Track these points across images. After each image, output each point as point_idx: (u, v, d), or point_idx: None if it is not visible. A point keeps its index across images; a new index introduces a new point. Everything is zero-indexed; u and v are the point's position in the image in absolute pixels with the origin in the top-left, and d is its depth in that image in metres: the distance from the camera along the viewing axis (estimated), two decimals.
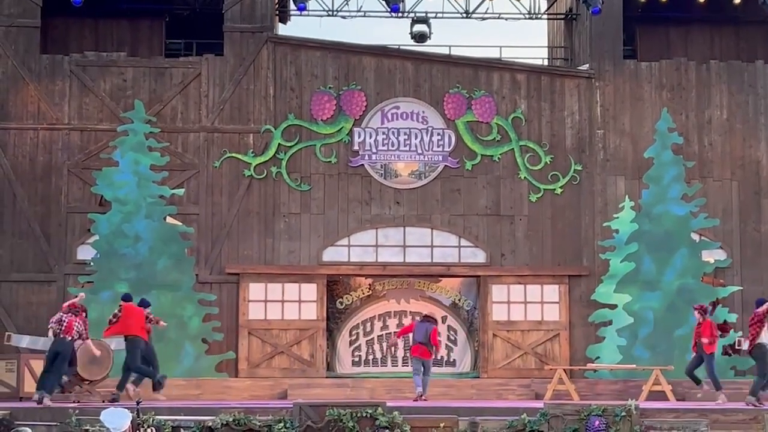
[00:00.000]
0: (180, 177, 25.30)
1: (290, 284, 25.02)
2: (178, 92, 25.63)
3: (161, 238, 24.27)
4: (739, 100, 26.17)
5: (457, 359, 25.58)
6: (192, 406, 18.36)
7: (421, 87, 25.98)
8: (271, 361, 24.71)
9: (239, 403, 19.58)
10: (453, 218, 25.68)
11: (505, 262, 25.57)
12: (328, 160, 25.60)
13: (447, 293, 25.75)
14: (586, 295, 25.19)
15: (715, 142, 26.02)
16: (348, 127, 25.74)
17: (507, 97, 26.05)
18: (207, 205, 25.38)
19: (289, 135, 25.63)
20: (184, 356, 23.77)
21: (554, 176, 25.76)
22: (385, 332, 25.48)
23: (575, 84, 26.12)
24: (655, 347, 23.76)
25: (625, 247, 24.79)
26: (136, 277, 24.04)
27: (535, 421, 16.43)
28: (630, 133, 25.95)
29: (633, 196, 25.25)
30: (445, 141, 25.83)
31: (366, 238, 25.57)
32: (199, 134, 25.58)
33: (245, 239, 25.33)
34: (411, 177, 25.78)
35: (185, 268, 24.41)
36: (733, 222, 25.73)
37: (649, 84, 26.12)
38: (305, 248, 25.39)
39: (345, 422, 16.26)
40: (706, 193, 25.49)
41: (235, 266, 25.10)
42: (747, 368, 24.32)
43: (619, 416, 16.37)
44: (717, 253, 25.35)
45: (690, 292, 24.35)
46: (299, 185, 25.50)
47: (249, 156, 25.47)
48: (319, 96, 25.76)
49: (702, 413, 17.52)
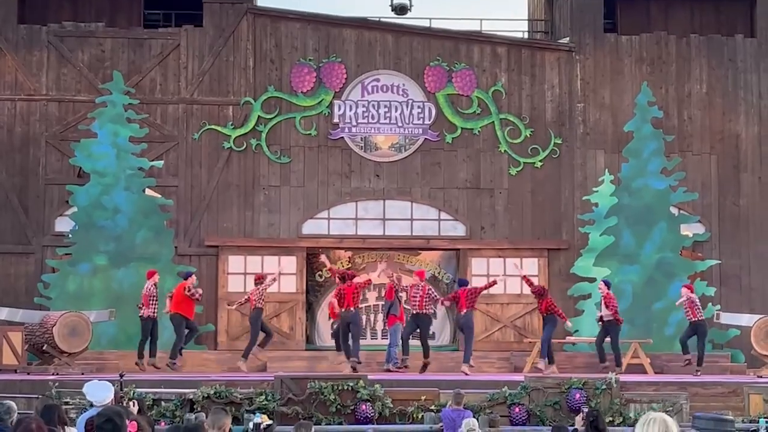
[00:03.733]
0: (159, 149, 25.16)
1: (270, 257, 24.96)
2: (157, 63, 25.46)
3: (140, 210, 24.17)
4: (718, 74, 26.19)
5: (437, 332, 25.57)
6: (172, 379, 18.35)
7: (401, 60, 25.89)
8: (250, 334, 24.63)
9: (220, 375, 19.56)
10: (433, 191, 25.65)
11: (484, 236, 25.58)
12: (308, 132, 25.51)
13: (426, 266, 25.74)
14: (565, 268, 25.24)
15: (694, 116, 26.06)
16: (328, 100, 25.64)
17: (487, 70, 25.99)
18: (186, 178, 25.27)
19: (269, 107, 25.51)
20: (163, 329, 23.69)
21: (534, 150, 25.76)
22: (365, 305, 25.47)
23: (555, 57, 26.08)
24: (634, 320, 23.85)
25: (604, 220, 24.85)
26: (115, 249, 23.95)
27: (516, 394, 16.51)
28: (610, 106, 25.95)
29: (612, 169, 25.28)
30: (425, 114, 25.78)
31: (346, 211, 25.53)
32: (178, 106, 25.44)
33: (225, 212, 25.24)
34: (391, 150, 25.73)
35: (164, 241, 24.33)
36: (711, 196, 25.80)
37: (630, 58, 26.11)
38: (285, 221, 25.33)
39: (326, 395, 16.28)
40: (686, 166, 25.54)
41: (215, 239, 25.03)
42: (725, 342, 24.49)
43: (600, 389, 16.48)
44: (696, 227, 25.44)
45: (669, 266, 24.46)
46: (279, 158, 25.41)
47: (228, 128, 25.35)
48: (299, 68, 25.64)
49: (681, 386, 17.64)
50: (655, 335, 23.65)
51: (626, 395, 16.69)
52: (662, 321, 24.21)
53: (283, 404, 16.26)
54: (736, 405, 17.43)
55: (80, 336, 20.97)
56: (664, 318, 24.19)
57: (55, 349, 20.82)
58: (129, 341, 23.48)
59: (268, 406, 16.05)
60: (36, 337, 21.13)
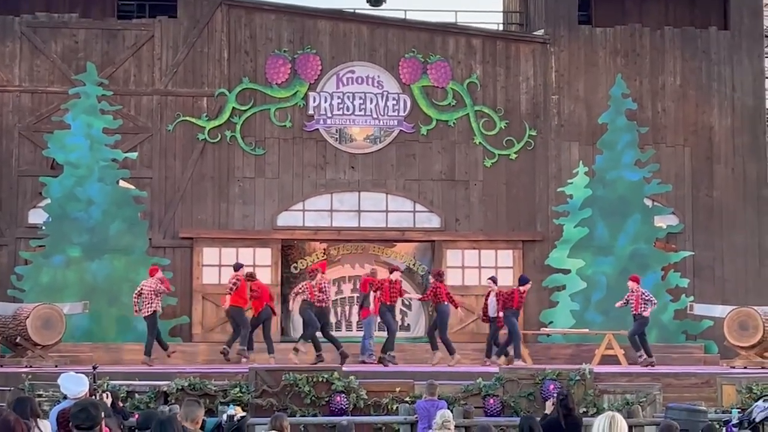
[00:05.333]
0: (133, 140, 25.06)
1: (244, 249, 24.91)
2: (131, 54, 25.34)
3: (114, 202, 24.09)
4: (692, 66, 26.28)
5: (412, 324, 25.62)
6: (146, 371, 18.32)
7: (376, 51, 25.87)
8: (225, 325, 24.47)
9: (194, 368, 19.53)
10: (408, 183, 25.65)
11: (459, 227, 25.60)
12: (282, 124, 25.46)
13: (402, 258, 25.75)
14: (539, 260, 25.29)
15: (668, 108, 26.14)
16: (303, 91, 25.59)
17: (462, 62, 26.00)
18: (160, 169, 25.17)
19: (244, 99, 25.44)
20: (137, 321, 23.63)
21: (509, 142, 25.79)
22: (340, 297, 25.47)
23: (530, 49, 26.10)
24: (608, 312, 23.93)
25: (578, 212, 24.92)
26: (89, 241, 23.86)
27: (491, 385, 16.57)
28: (584, 98, 26.00)
29: (587, 161, 25.34)
30: (400, 106, 25.76)
31: (321, 202, 25.50)
32: (152, 97, 25.33)
33: (199, 203, 25.18)
34: (366, 142, 25.71)
35: (138, 232, 24.25)
36: (685, 188, 25.89)
37: (604, 50, 26.17)
38: (260, 213, 25.28)
39: (301, 386, 16.30)
40: (659, 158, 25.62)
41: (189, 230, 24.95)
42: (698, 333, 24.62)
43: (574, 380, 16.54)
44: (669, 219, 25.53)
45: (642, 257, 24.56)
46: (254, 149, 25.36)
47: (203, 120, 25.27)
48: (274, 59, 25.57)
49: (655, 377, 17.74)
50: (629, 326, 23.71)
51: (600, 386, 16.76)
52: None
53: (257, 396, 16.27)
54: (709, 396, 17.55)
55: (53, 328, 20.90)
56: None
57: (29, 341, 20.73)
58: (103, 334, 23.44)
59: (243, 398, 16.05)
60: (9, 330, 21.03)
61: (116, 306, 23.68)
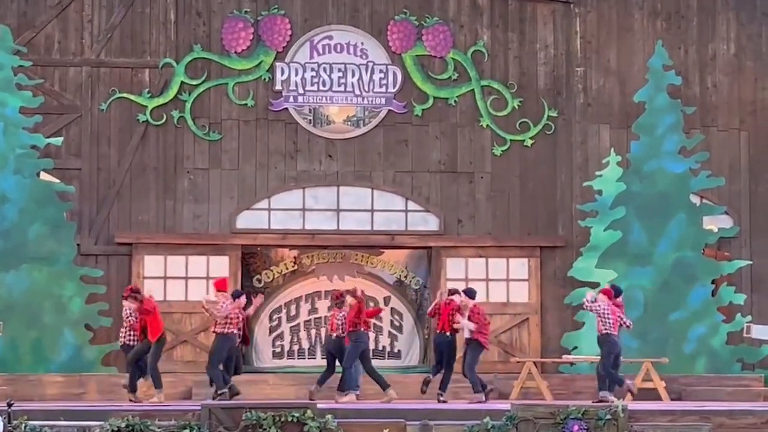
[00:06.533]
0: (57, 122, 25.09)
1: (196, 257, 24.95)
2: (55, 16, 25.36)
3: (34, 199, 24.06)
4: (749, 31, 26.38)
5: (403, 350, 25.67)
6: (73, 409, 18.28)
7: (359, 12, 25.93)
8: (172, 352, 24.61)
9: (133, 405, 19.50)
10: (399, 176, 25.71)
11: (462, 231, 25.67)
12: (243, 102, 25.50)
13: (391, 268, 25.81)
14: (561, 271, 25.37)
15: (720, 83, 26.24)
16: (268, 62, 25.64)
17: (466, 26, 26.06)
18: (91, 158, 25.20)
19: (195, 71, 25.48)
20: (62, 346, 23.61)
21: (523, 124, 25.87)
22: (314, 317, 25.49)
23: (550, 11, 26.19)
24: (646, 335, 24.00)
25: (609, 212, 24.98)
26: (3, 247, 23.83)
27: (501, 425, 16.56)
28: (617, 71, 26.09)
29: (620, 149, 25.42)
30: (389, 80, 25.83)
31: (291, 200, 25.56)
32: (81, 69, 25.36)
33: (140, 201, 25.20)
34: (347, 124, 25.77)
35: (64, 237, 24.22)
36: (741, 182, 26.00)
37: (641, 11, 26.25)
38: (215, 212, 25.32)
39: (266, 428, 16.28)
40: (709, 145, 25.72)
41: (127, 234, 24.98)
42: (756, 360, 24.67)
43: (603, 420, 16.53)
44: (722, 220, 25.61)
45: (689, 268, 24.61)
46: (207, 134, 25.39)
47: (144, 97, 25.31)
48: (233, 22, 25.62)
49: (704, 416, 17.75)
50: (672, 353, 23.79)
51: (636, 427, 16.79)
52: (680, 335, 24.37)
53: None
54: None
55: None
56: (683, 332, 24.35)
57: None
58: (18, 361, 23.36)
59: None
60: None
61: (36, 328, 23.63)
